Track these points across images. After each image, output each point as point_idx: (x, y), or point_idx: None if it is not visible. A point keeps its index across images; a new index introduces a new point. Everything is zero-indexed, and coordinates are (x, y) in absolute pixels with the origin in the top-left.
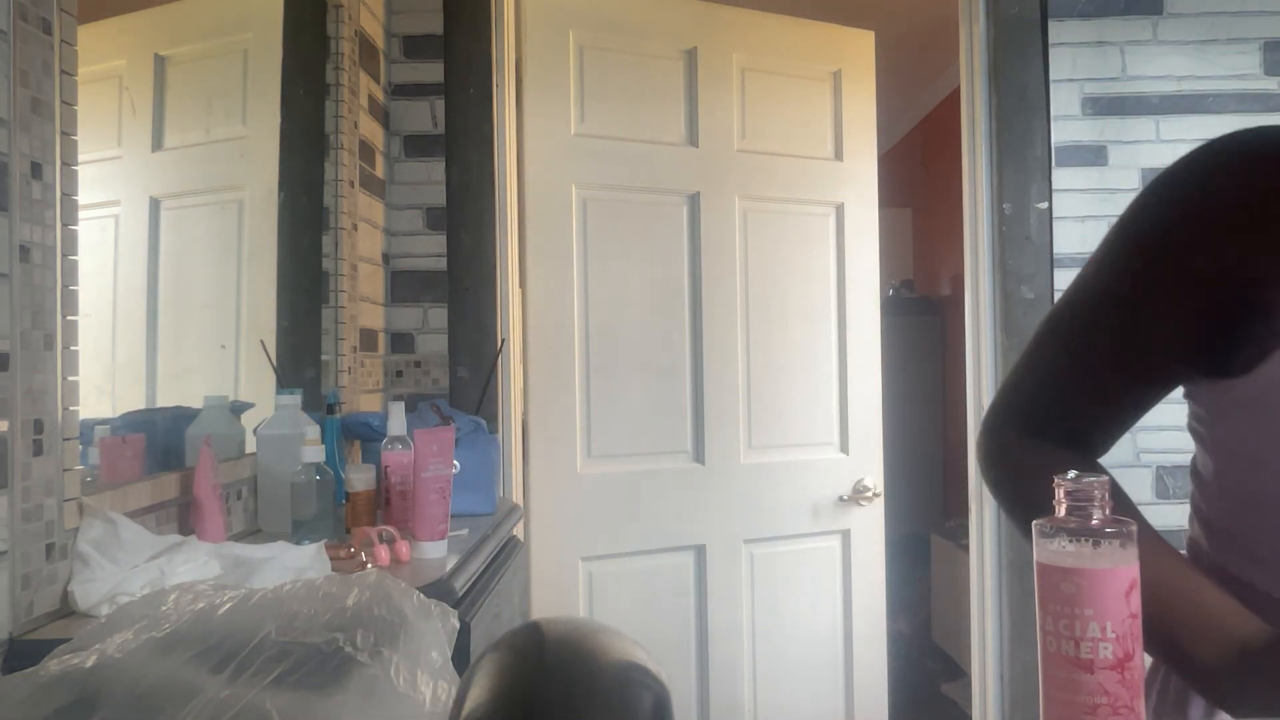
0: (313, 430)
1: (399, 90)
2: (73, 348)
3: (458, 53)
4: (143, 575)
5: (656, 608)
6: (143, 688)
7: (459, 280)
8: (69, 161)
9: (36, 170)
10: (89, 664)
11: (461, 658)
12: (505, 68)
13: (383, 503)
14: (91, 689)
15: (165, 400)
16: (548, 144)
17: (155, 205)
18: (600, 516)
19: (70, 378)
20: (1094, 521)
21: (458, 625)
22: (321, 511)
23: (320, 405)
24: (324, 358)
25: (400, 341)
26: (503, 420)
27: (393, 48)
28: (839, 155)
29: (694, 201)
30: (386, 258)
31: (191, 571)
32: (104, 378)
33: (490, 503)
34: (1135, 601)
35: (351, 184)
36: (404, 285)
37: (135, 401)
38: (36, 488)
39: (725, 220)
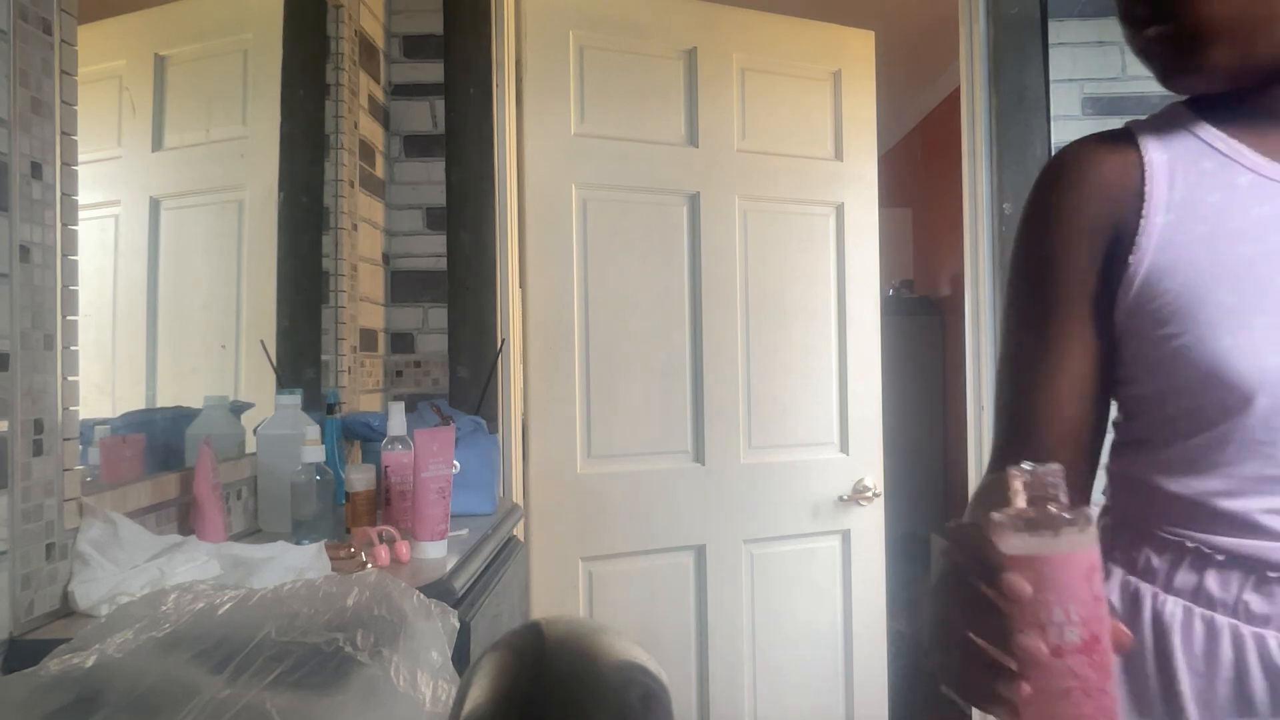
0: (313, 430)
1: (399, 90)
2: (73, 348)
3: (458, 53)
4: (143, 575)
5: (656, 608)
6: (143, 688)
7: (459, 280)
8: (69, 161)
9: (36, 170)
10: (89, 664)
11: (461, 658)
12: (505, 68)
13: (383, 503)
14: (91, 689)
15: (165, 400)
16: (548, 144)
17: (155, 205)
18: (600, 516)
19: (70, 378)
20: (1051, 509)
21: (458, 625)
22: (321, 511)
23: (320, 405)
24: (324, 358)
25: (400, 341)
26: (503, 420)
27: (393, 48)
28: (839, 155)
29: (694, 201)
30: (386, 258)
31: (191, 571)
32: (104, 378)
33: (490, 503)
34: (1098, 584)
35: (351, 184)
36: (404, 285)
37: (135, 401)
38: (36, 488)
39: (725, 220)
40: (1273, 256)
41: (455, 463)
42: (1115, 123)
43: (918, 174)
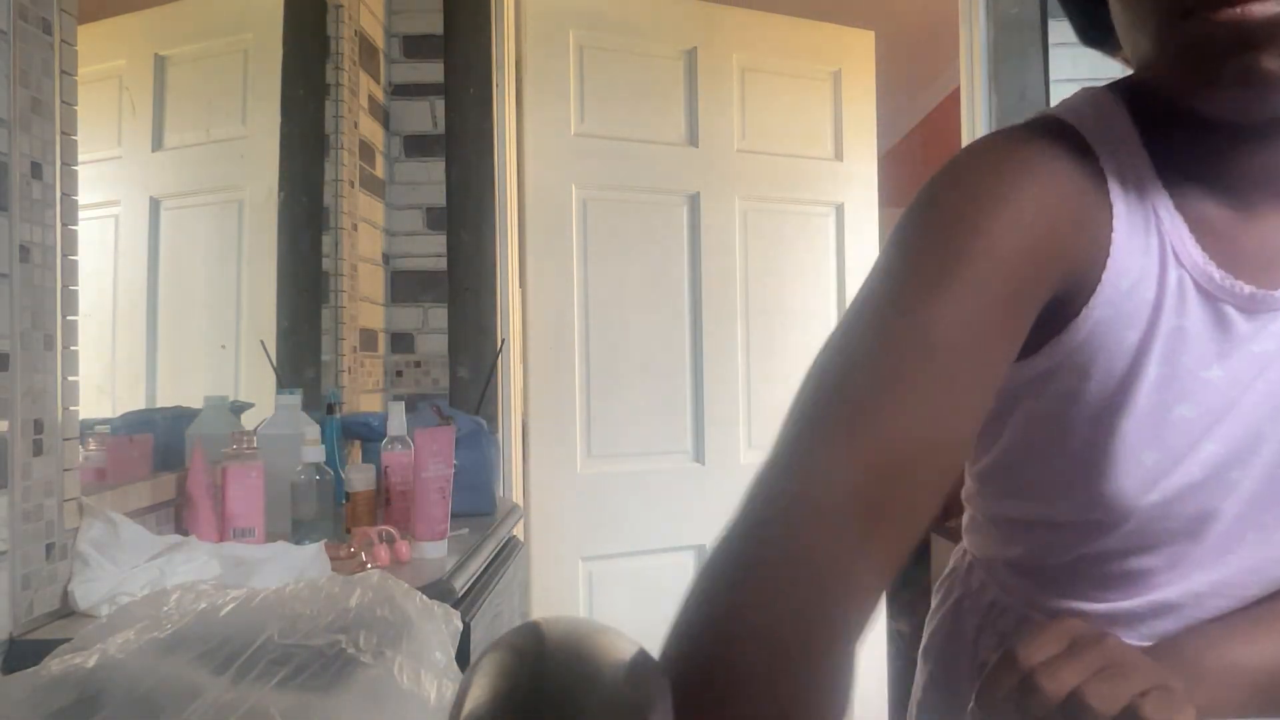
0: (313, 430)
1: (399, 90)
2: (73, 348)
3: (458, 53)
4: (143, 575)
5: (656, 608)
6: (144, 688)
7: (459, 280)
8: (69, 161)
9: (36, 170)
10: (90, 664)
11: (461, 658)
12: (505, 68)
13: (383, 503)
14: (93, 689)
15: (165, 400)
16: (548, 144)
17: (155, 205)
18: (600, 516)
19: (70, 378)
20: None
21: (460, 625)
22: (321, 511)
23: (320, 405)
24: (324, 358)
25: (400, 341)
26: (503, 420)
27: (393, 48)
28: (839, 155)
29: (694, 201)
30: (386, 258)
31: (191, 571)
32: (104, 378)
33: (490, 503)
34: None
35: (351, 184)
36: (404, 285)
37: (135, 401)
38: (36, 488)
39: (725, 220)
40: (1174, 383)
41: (455, 463)
42: None
43: (918, 174)
